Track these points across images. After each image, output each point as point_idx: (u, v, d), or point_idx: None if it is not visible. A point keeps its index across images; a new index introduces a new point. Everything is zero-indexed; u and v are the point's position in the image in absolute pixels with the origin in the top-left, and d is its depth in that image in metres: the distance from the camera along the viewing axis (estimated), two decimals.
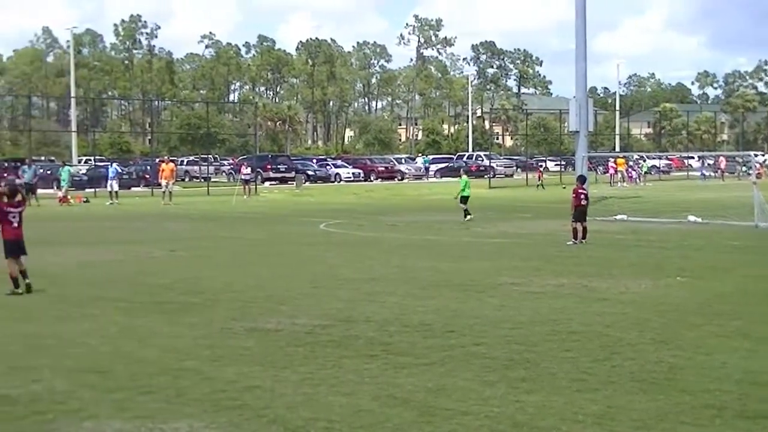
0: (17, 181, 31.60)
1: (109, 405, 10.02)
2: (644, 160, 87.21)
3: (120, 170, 63.80)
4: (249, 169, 64.69)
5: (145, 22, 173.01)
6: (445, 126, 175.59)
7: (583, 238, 27.61)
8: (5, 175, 63.92)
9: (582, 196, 28.11)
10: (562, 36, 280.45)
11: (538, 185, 69.58)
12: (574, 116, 48.51)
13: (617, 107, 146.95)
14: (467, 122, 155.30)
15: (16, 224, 18.62)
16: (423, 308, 16.02)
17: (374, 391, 10.49)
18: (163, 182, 54.42)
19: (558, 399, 10.09)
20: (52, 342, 13.42)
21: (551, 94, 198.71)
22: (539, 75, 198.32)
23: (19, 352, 12.80)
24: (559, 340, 13.26)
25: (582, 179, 30.08)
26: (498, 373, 11.28)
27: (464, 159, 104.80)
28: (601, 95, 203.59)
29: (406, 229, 33.52)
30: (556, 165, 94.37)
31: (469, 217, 36.18)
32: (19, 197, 19.05)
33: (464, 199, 36.80)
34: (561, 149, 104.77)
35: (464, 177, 38.07)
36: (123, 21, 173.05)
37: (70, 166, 62.39)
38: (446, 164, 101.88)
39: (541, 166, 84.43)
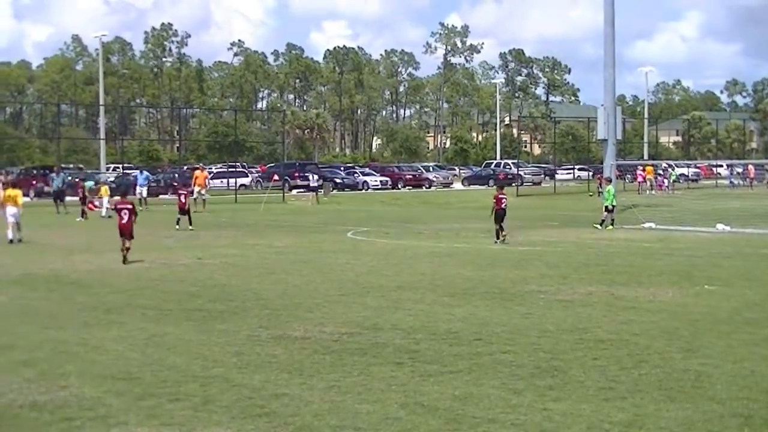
0: (45, 189, 32.31)
1: (137, 412, 10.05)
2: (673, 169, 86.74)
3: (150, 177, 63.96)
4: (316, 177, 66.65)
5: (176, 30, 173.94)
6: (474, 134, 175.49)
7: (504, 238, 30.33)
8: (34, 182, 64.63)
9: (503, 201, 30.80)
10: (596, 43, 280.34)
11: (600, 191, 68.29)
12: (602, 124, 48.43)
13: (645, 115, 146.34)
14: (495, 130, 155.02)
15: (125, 219, 25.01)
16: (450, 316, 16.02)
17: (401, 398, 10.49)
18: (196, 189, 54.59)
19: (585, 407, 10.06)
20: (79, 349, 13.48)
21: (580, 101, 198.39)
22: (567, 83, 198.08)
23: (47, 358, 12.86)
24: (587, 348, 13.22)
25: (501, 185, 33.12)
26: (525, 381, 11.26)
27: (492, 167, 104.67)
28: (630, 103, 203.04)
29: (433, 236, 33.49)
30: (583, 173, 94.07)
31: (609, 227, 36.33)
32: (129, 198, 27.17)
33: (612, 208, 37.19)
34: (589, 157, 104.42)
35: (610, 186, 38.15)
36: (153, 29, 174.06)
37: (66, 173, 61.71)
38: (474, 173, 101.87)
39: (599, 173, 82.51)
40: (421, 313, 16.40)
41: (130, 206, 25.61)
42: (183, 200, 38.47)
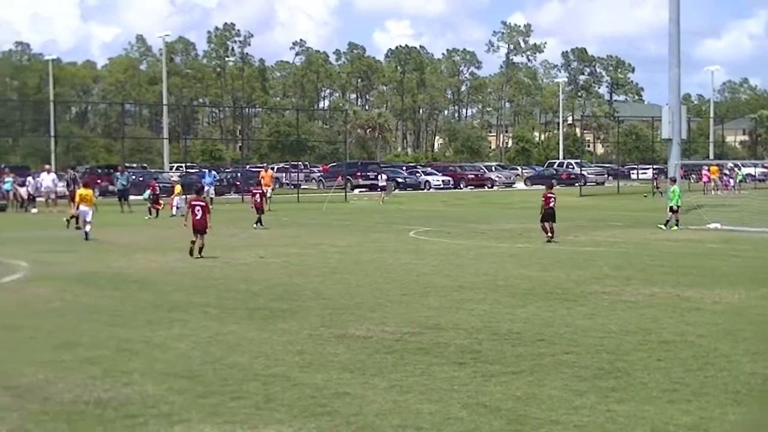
0: (110, 188, 32.81)
1: (200, 410, 10.09)
2: (739, 168, 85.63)
3: (217, 176, 64.73)
4: (384, 176, 68.10)
5: (238, 30, 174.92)
6: (536, 133, 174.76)
7: (552, 236, 30.76)
8: (99, 181, 65.26)
9: (551, 200, 30.99)
10: (661, 42, 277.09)
11: (655, 192, 67.48)
12: (666, 124, 47.86)
13: (711, 114, 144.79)
14: (558, 129, 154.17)
15: (199, 216, 25.79)
16: (512, 316, 15.94)
17: (464, 398, 10.45)
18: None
19: (649, 409, 9.95)
20: (143, 346, 13.57)
21: (643, 100, 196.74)
22: (631, 82, 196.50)
23: (111, 356, 12.96)
24: (651, 349, 13.09)
25: (550, 185, 33.26)
26: (588, 383, 11.17)
27: (555, 167, 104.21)
28: (696, 102, 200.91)
29: (495, 237, 33.37)
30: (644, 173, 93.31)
31: (674, 227, 36.23)
32: (203, 196, 28.35)
33: (677, 208, 37.05)
34: (653, 157, 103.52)
35: (675, 186, 38.00)
36: (216, 29, 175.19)
37: (130, 172, 62.13)
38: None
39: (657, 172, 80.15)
40: (483, 313, 16.34)
41: (203, 203, 26.63)
42: (258, 199, 39.20)
